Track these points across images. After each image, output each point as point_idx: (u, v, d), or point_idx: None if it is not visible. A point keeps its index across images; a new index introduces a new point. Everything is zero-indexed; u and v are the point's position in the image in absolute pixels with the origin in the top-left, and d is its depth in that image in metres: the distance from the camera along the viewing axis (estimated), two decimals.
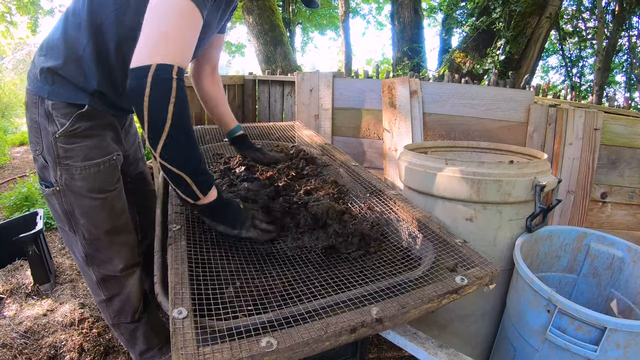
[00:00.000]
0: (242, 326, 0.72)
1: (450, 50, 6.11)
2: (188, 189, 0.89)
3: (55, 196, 1.17)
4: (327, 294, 0.84)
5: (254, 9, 5.80)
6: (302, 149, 1.72)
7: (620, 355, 1.03)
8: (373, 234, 1.11)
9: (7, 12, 8.41)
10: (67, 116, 1.09)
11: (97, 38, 1.06)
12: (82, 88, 1.09)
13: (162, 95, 0.78)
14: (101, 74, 1.10)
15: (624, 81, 7.77)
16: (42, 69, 1.08)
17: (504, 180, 1.36)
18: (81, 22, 1.05)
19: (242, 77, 3.64)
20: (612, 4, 6.18)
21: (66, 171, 1.13)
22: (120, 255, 1.27)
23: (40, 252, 2.06)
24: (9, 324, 1.75)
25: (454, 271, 0.93)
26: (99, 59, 1.08)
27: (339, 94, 2.53)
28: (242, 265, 0.97)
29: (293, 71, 5.33)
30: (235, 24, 11.20)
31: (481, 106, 2.19)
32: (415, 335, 0.93)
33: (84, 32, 1.05)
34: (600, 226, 2.09)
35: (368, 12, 11.90)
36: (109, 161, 1.19)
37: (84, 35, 1.05)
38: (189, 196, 0.91)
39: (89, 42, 1.05)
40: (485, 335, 1.60)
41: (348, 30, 6.15)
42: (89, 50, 1.06)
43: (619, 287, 1.42)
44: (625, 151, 2.01)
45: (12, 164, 5.24)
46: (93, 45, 1.06)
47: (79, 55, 1.06)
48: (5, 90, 11.42)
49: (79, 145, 1.12)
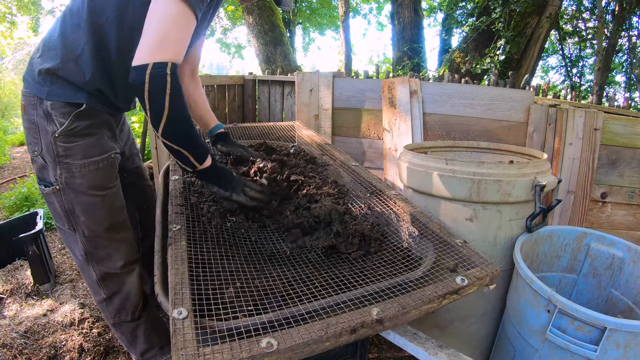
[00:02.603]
0: (242, 326, 0.72)
1: (450, 50, 6.11)
2: (187, 160, 1.04)
3: (55, 195, 1.19)
4: (327, 295, 0.84)
5: (254, 9, 5.80)
6: (302, 149, 1.72)
7: (620, 355, 1.03)
8: (373, 234, 1.11)
9: (8, 13, 8.42)
10: (66, 115, 1.11)
11: (97, 38, 1.08)
12: (80, 87, 1.12)
13: (159, 88, 0.91)
14: (100, 72, 1.12)
15: (624, 81, 7.78)
16: (40, 70, 1.10)
17: (504, 180, 1.36)
18: (80, 22, 1.07)
19: (242, 77, 3.64)
20: (612, 4, 6.18)
21: (66, 169, 1.15)
22: (120, 252, 1.29)
23: (40, 252, 2.06)
24: (9, 324, 1.75)
25: (454, 272, 0.93)
26: (98, 57, 1.10)
27: (339, 94, 2.53)
28: (242, 265, 0.97)
29: (293, 71, 5.33)
30: (235, 24, 11.19)
31: (481, 106, 2.19)
32: (415, 336, 0.93)
33: (83, 32, 1.08)
34: (600, 226, 2.09)
35: (368, 11, 11.89)
36: (107, 159, 1.22)
37: (83, 35, 1.08)
38: (188, 166, 1.06)
39: (87, 42, 1.08)
40: (485, 335, 1.60)
41: (348, 30, 6.14)
42: (87, 49, 1.08)
43: (619, 287, 1.42)
44: (625, 151, 2.01)
45: (12, 164, 5.25)
46: (92, 45, 1.09)
47: (77, 54, 1.09)
48: (5, 90, 11.43)
49: (78, 144, 1.15)
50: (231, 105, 3.53)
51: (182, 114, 0.97)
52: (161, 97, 0.91)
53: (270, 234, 1.14)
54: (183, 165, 1.07)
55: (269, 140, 1.80)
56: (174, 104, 0.93)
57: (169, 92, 0.91)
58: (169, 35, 0.92)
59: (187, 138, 1.01)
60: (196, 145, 1.04)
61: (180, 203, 1.16)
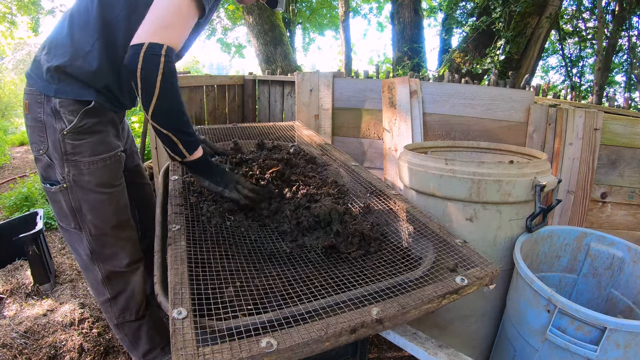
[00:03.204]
0: (242, 326, 0.72)
1: (450, 50, 6.11)
2: (176, 148, 1.03)
3: (62, 193, 1.19)
4: (327, 294, 0.84)
5: (254, 9, 5.80)
6: (302, 149, 1.72)
7: (620, 355, 1.03)
8: (373, 234, 1.11)
9: (9, 13, 8.42)
10: (75, 113, 1.12)
11: (107, 35, 1.11)
12: (88, 85, 1.13)
13: (152, 68, 0.92)
14: (108, 68, 1.14)
15: (624, 81, 7.77)
16: (48, 68, 1.11)
17: (504, 180, 1.36)
18: (90, 19, 1.10)
19: (242, 77, 3.64)
20: (612, 4, 6.18)
21: (74, 167, 1.16)
22: (125, 251, 1.30)
23: (40, 252, 2.06)
24: (9, 324, 1.75)
25: (454, 271, 0.93)
26: (107, 54, 1.12)
27: (339, 94, 2.53)
28: (242, 265, 0.97)
29: (293, 71, 5.32)
30: (235, 24, 11.19)
31: (481, 106, 2.19)
32: (415, 336, 0.93)
33: (92, 29, 1.09)
34: (600, 226, 2.09)
35: (368, 11, 11.87)
36: (114, 156, 1.23)
37: (92, 32, 1.10)
38: (177, 154, 1.05)
39: (98, 39, 1.10)
40: (485, 335, 1.60)
41: (348, 30, 6.14)
42: (97, 46, 1.10)
43: (619, 287, 1.42)
44: (625, 151, 2.01)
45: (12, 164, 5.25)
46: (102, 42, 1.11)
47: (86, 51, 1.10)
48: (5, 90, 11.43)
49: (87, 141, 1.16)
50: (231, 105, 3.53)
51: (173, 97, 0.97)
52: (153, 77, 0.92)
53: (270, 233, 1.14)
54: (172, 153, 1.06)
55: (269, 140, 1.80)
56: (166, 85, 0.94)
57: (161, 71, 0.92)
58: (171, 23, 0.95)
59: (178, 122, 1.01)
60: (186, 132, 1.04)
61: (179, 203, 1.16)
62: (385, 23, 11.63)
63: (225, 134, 1.94)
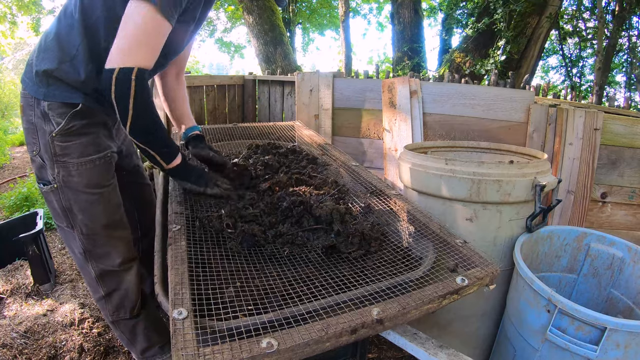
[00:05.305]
0: (242, 326, 0.72)
1: (451, 50, 6.10)
2: (154, 159, 1.12)
3: (53, 193, 1.20)
4: (327, 294, 0.84)
5: (254, 9, 5.80)
6: (303, 149, 1.72)
7: (620, 355, 1.03)
8: (373, 234, 1.10)
9: (9, 13, 8.41)
10: (63, 115, 1.13)
11: (90, 38, 1.11)
12: (76, 88, 1.14)
13: (124, 92, 0.98)
14: (95, 72, 1.13)
15: (624, 81, 7.77)
16: (37, 72, 1.12)
17: (504, 180, 1.36)
18: (74, 23, 1.10)
19: (242, 77, 3.64)
20: (612, 4, 6.18)
21: (63, 168, 1.17)
22: (118, 250, 1.31)
23: (40, 252, 2.06)
24: (9, 324, 1.75)
25: (454, 272, 0.93)
26: (92, 57, 1.12)
27: (339, 94, 2.53)
28: (242, 265, 0.97)
29: (293, 71, 5.32)
30: (235, 24, 11.19)
31: (481, 106, 2.19)
32: (415, 336, 0.93)
33: (76, 32, 1.10)
34: (600, 226, 2.09)
35: (368, 11, 11.87)
36: (104, 157, 1.24)
37: (77, 35, 1.10)
38: (156, 164, 1.15)
39: (82, 42, 1.10)
40: (485, 335, 1.60)
41: (348, 30, 6.14)
42: (82, 49, 1.11)
43: (619, 287, 1.42)
44: (625, 151, 2.01)
45: (12, 164, 5.24)
46: (86, 45, 1.11)
47: (72, 55, 1.11)
48: (5, 90, 11.42)
49: (75, 143, 1.17)
50: (231, 105, 3.53)
51: (147, 115, 1.04)
52: (125, 100, 0.98)
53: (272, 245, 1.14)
54: (152, 163, 1.14)
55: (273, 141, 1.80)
56: (138, 106, 1.00)
57: (132, 95, 0.98)
58: (139, 42, 0.99)
59: (152, 138, 1.09)
60: (162, 145, 1.12)
61: (180, 203, 1.16)
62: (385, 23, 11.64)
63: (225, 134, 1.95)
